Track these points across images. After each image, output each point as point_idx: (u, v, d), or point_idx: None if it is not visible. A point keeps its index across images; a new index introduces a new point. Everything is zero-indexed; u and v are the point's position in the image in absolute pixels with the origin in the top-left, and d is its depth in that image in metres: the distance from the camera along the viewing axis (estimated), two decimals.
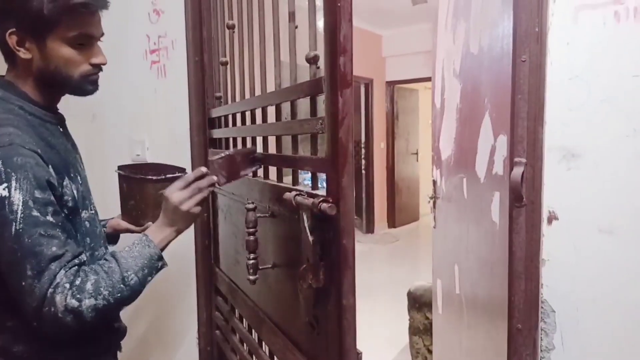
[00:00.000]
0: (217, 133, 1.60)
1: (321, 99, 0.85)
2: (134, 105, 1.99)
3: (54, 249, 0.87)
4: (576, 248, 1.02)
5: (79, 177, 1.03)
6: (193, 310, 1.77)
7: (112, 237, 1.33)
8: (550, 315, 1.06)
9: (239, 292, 1.36)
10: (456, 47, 1.74)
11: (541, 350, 1.07)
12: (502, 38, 1.29)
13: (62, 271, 0.88)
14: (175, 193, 1.02)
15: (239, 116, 1.39)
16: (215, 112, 1.60)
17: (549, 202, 1.05)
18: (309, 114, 0.90)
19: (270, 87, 1.11)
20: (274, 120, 1.13)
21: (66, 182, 0.95)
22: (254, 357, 1.32)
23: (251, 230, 1.05)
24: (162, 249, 1.02)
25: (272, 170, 1.20)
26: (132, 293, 0.95)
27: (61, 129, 1.08)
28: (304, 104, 0.98)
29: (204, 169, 1.05)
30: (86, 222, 1.03)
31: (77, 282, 0.89)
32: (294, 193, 0.88)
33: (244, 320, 1.42)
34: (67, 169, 0.99)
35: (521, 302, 1.09)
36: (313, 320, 0.87)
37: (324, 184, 0.88)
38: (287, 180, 1.08)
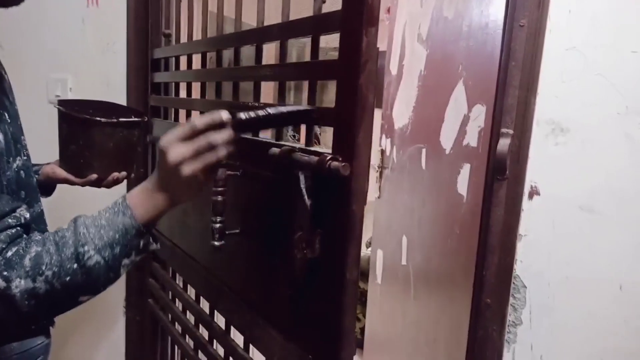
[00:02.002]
0: (162, 77, 1.39)
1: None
2: (55, 37, 1.68)
3: None
4: (555, 225, 1.02)
5: (6, 115, 0.78)
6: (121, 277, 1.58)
7: (46, 188, 1.09)
8: (521, 291, 1.05)
9: (187, 259, 1.21)
10: (424, 11, 1.66)
11: (508, 325, 1.06)
12: (487, 2, 1.23)
13: (15, 247, 0.62)
14: (174, 146, 0.65)
15: (196, 59, 1.20)
16: (162, 52, 1.39)
17: (532, 176, 1.03)
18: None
19: (249, 23, 0.95)
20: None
21: None
22: (200, 329, 1.19)
23: (220, 189, 0.90)
24: (150, 222, 0.68)
25: None
26: (90, 278, 0.64)
27: None
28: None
29: (225, 115, 0.66)
30: (21, 172, 0.80)
31: (9, 254, 0.62)
32: (286, 149, 0.75)
33: (189, 288, 1.28)
34: None
35: (493, 277, 1.07)
36: (298, 294, 0.77)
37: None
38: None
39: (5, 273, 0.60)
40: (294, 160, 0.73)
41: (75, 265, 0.63)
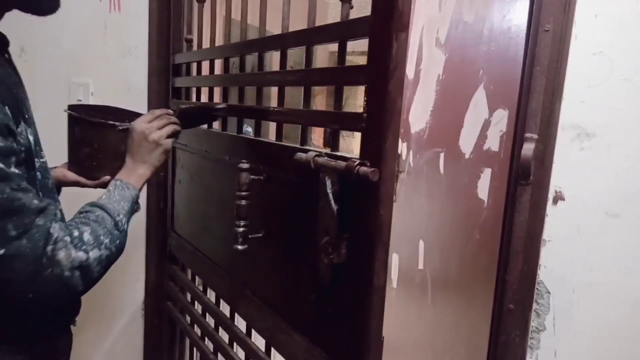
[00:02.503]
0: (183, 81, 1.41)
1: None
2: (77, 42, 1.71)
3: (35, 201, 0.71)
4: (580, 230, 1.01)
5: (33, 117, 0.83)
6: (141, 278, 1.60)
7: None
8: (545, 297, 1.04)
9: (207, 262, 1.22)
10: (442, 15, 1.66)
11: (531, 331, 1.05)
12: (509, 6, 1.22)
13: (55, 224, 0.73)
14: (141, 124, 0.97)
15: (218, 64, 1.21)
16: (183, 58, 1.40)
17: (556, 181, 1.02)
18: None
19: (270, 31, 0.96)
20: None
21: (22, 126, 0.75)
22: (220, 332, 1.20)
23: (244, 194, 0.91)
24: (140, 190, 0.95)
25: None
26: (125, 239, 0.87)
27: (6, 55, 0.86)
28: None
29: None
30: (38, 173, 0.83)
31: (76, 234, 0.76)
32: (312, 153, 0.76)
33: (208, 291, 1.29)
34: (20, 109, 0.78)
35: (516, 282, 1.06)
36: (324, 298, 0.77)
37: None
38: None
39: (84, 247, 0.76)
40: (320, 165, 0.73)
41: (116, 232, 0.83)
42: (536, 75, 1.01)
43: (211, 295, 1.26)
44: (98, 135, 1.06)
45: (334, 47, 0.79)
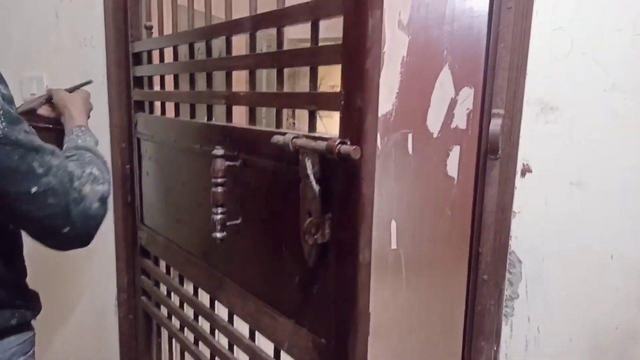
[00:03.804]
0: (145, 70, 1.36)
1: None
2: (26, 33, 1.62)
3: (45, 143, 0.77)
4: (547, 201, 1.05)
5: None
6: (112, 275, 1.56)
7: None
8: (517, 266, 1.08)
9: (183, 253, 1.20)
10: None
11: (505, 300, 1.10)
12: None
13: (70, 163, 0.81)
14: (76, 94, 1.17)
15: (182, 49, 1.18)
16: (144, 45, 1.36)
17: (523, 155, 1.05)
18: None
19: (240, 12, 0.94)
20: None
21: None
22: (200, 322, 1.19)
23: (219, 180, 0.90)
24: None
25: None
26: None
27: None
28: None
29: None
30: None
31: (88, 171, 0.85)
32: (290, 135, 0.75)
33: (185, 283, 1.27)
34: None
35: (489, 254, 1.10)
36: (309, 279, 0.77)
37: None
38: None
39: (100, 181, 0.85)
40: (300, 147, 0.73)
41: (107, 170, 0.93)
42: (501, 52, 1.04)
43: (188, 287, 1.25)
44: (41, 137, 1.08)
45: (295, 35, 0.80)
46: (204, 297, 1.17)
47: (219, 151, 0.89)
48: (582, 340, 1.07)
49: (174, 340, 1.36)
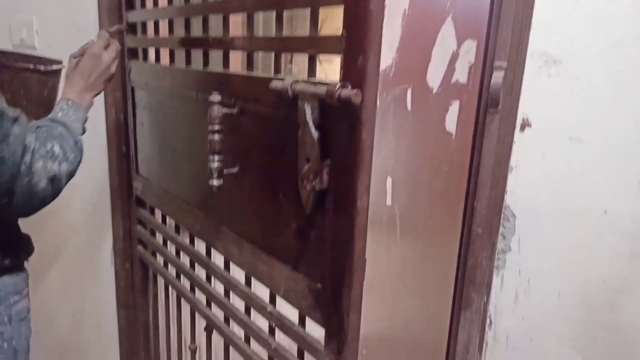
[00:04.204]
0: (139, 15, 1.32)
1: None
2: None
3: (10, 108, 0.75)
4: (545, 156, 1.05)
5: None
6: (106, 225, 1.56)
7: None
8: (511, 220, 1.09)
9: (179, 202, 1.20)
10: None
11: (497, 253, 1.11)
12: None
13: (30, 135, 0.78)
14: (93, 49, 1.02)
15: None
16: None
17: (524, 109, 1.05)
18: None
19: None
20: None
21: None
22: (196, 269, 1.20)
23: (216, 127, 0.89)
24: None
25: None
26: (82, 157, 0.91)
27: None
28: None
29: (108, 30, 1.10)
30: None
31: (48, 147, 0.81)
32: (289, 80, 0.74)
33: (181, 231, 1.28)
34: None
35: (484, 208, 1.10)
36: (306, 225, 0.78)
37: None
38: None
39: (57, 160, 0.81)
40: (299, 92, 0.72)
41: (77, 150, 0.88)
42: (506, 4, 1.01)
43: (184, 235, 1.26)
44: (21, 82, 1.03)
45: None
46: (199, 246, 1.18)
47: (215, 97, 0.88)
48: (571, 294, 1.10)
49: (170, 288, 1.38)
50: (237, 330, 1.05)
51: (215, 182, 0.91)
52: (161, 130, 1.27)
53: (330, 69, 1.34)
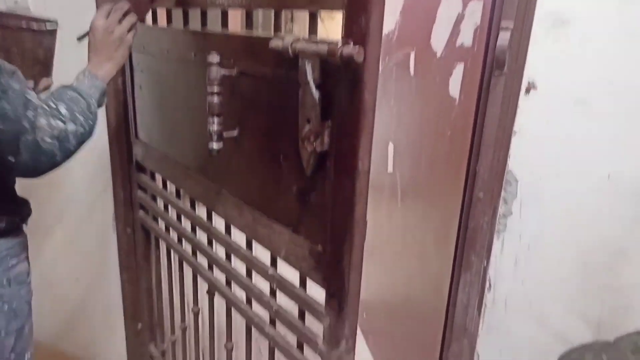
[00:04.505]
0: None
1: None
2: None
3: (6, 64, 0.74)
4: (549, 120, 1.03)
5: None
6: (107, 190, 1.56)
7: None
8: (513, 184, 1.09)
9: (179, 166, 1.19)
10: None
11: (498, 217, 1.11)
12: None
13: (30, 91, 0.76)
14: (100, 20, 0.96)
15: None
16: None
17: (529, 71, 1.02)
18: None
19: None
20: None
21: None
22: (197, 233, 1.21)
23: (215, 89, 0.87)
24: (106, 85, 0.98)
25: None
26: (95, 122, 0.89)
27: None
28: None
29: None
30: None
31: (53, 105, 0.80)
32: (289, 39, 0.71)
33: (182, 196, 1.27)
34: None
35: (486, 172, 1.09)
36: (307, 187, 0.77)
37: None
38: None
39: (62, 118, 0.80)
40: (300, 51, 0.70)
41: (89, 113, 0.86)
42: None
43: (185, 200, 1.26)
44: (15, 41, 1.00)
45: None
46: (200, 210, 1.18)
47: (214, 58, 0.86)
48: (570, 257, 1.10)
49: (172, 252, 1.39)
50: (239, 293, 1.06)
51: (214, 145, 0.90)
52: (160, 94, 1.25)
53: (331, 27, 1.31)
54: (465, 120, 1.21)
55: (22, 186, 1.00)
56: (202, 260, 1.19)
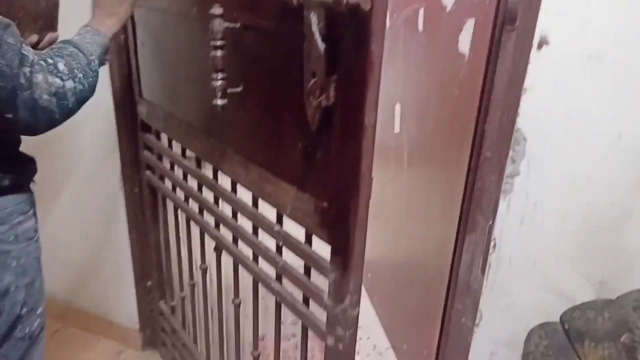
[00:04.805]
0: None
1: None
2: None
3: (1, 18, 0.72)
4: (561, 76, 1.01)
5: None
6: (114, 151, 1.56)
7: None
8: (521, 143, 1.07)
9: (184, 125, 1.19)
10: None
11: (505, 176, 1.10)
12: None
13: (26, 46, 0.74)
14: None
15: None
16: None
17: (542, 25, 0.99)
18: None
19: None
20: None
21: None
22: (204, 192, 1.21)
23: (219, 43, 0.85)
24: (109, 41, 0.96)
25: None
26: (96, 80, 0.87)
27: None
28: None
29: None
30: None
31: (50, 61, 0.78)
32: None
33: (187, 154, 1.27)
34: None
35: (495, 131, 1.08)
36: (312, 144, 0.76)
37: None
38: None
39: (59, 75, 0.78)
40: (305, 0, 0.67)
41: (89, 70, 0.84)
42: None
43: (191, 159, 1.26)
44: None
45: None
46: (207, 168, 1.18)
47: (217, 10, 0.83)
48: (576, 217, 1.10)
49: (179, 211, 1.40)
50: (246, 250, 1.08)
51: (219, 102, 0.89)
52: (162, 51, 1.23)
53: None
54: (474, 78, 1.18)
55: (30, 147, 1.00)
56: (209, 219, 1.20)
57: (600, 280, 1.13)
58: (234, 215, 1.09)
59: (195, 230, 1.32)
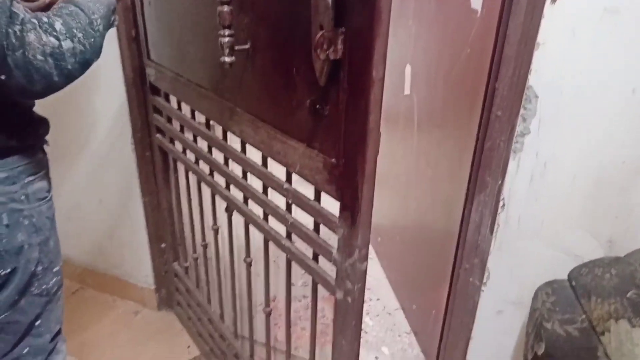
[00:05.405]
0: None
1: None
2: None
3: None
4: (575, 31, 0.98)
5: None
6: (124, 114, 1.57)
7: None
8: (532, 101, 1.06)
9: (192, 86, 1.18)
10: None
11: (516, 135, 1.10)
12: None
13: (17, 4, 0.71)
14: None
15: None
16: None
17: None
18: None
19: None
20: None
21: None
22: (214, 153, 1.22)
23: None
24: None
25: None
26: (101, 42, 0.85)
27: None
28: None
29: None
30: None
31: (45, 20, 0.75)
32: None
33: (197, 116, 1.28)
34: None
35: (506, 89, 1.06)
36: (321, 99, 0.76)
37: None
38: None
39: (55, 34, 0.75)
40: None
41: (91, 30, 0.82)
42: None
43: (200, 120, 1.26)
44: None
45: None
46: (216, 129, 1.18)
47: None
48: (586, 176, 1.09)
49: (190, 173, 1.42)
50: (256, 209, 1.09)
51: (227, 59, 0.88)
52: (169, 10, 1.21)
53: None
54: (486, 35, 1.16)
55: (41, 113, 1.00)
56: (220, 180, 1.21)
57: (609, 239, 1.14)
58: (244, 176, 1.10)
59: (206, 192, 1.34)
